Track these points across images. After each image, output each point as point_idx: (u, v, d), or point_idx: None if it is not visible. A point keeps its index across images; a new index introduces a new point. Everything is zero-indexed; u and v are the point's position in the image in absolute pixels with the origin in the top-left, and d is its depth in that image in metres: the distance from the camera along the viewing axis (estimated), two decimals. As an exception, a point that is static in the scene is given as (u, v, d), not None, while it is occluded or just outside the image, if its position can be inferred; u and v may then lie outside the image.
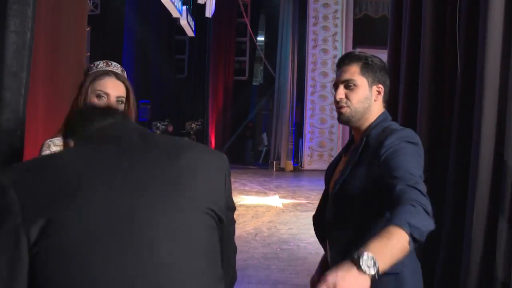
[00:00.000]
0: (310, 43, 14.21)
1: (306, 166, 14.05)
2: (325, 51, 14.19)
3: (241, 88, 16.38)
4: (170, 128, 14.05)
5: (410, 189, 1.60)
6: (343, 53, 14.51)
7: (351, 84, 1.98)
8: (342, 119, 2.02)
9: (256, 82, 18.00)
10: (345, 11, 14.16)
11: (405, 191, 1.60)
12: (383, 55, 2.66)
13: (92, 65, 2.08)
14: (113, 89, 2.02)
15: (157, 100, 15.14)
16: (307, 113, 14.18)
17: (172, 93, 16.00)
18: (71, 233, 1.05)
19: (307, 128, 14.18)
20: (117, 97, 2.03)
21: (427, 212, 1.52)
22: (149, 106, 14.03)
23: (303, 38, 14.59)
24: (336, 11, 14.23)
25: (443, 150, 2.77)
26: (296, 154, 14.55)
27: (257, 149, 17.40)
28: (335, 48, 14.16)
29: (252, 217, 7.90)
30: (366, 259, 1.30)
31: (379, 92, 2.00)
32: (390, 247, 1.39)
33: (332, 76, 14.01)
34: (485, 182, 2.48)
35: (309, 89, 14.17)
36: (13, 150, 1.50)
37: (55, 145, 1.95)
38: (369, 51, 2.17)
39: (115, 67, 2.11)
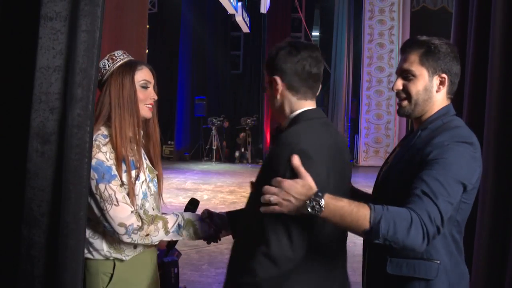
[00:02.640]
0: (366, 38, 14.02)
1: (362, 162, 13.88)
2: (381, 45, 13.96)
3: (296, 84, 16.31)
4: (226, 124, 14.21)
5: (428, 200, 1.56)
6: (400, 47, 14.15)
7: (409, 75, 1.84)
8: (401, 112, 1.90)
9: (311, 77, 17.90)
10: (402, 4, 13.87)
11: (420, 198, 1.57)
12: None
13: (114, 57, 2.06)
14: (151, 78, 2.10)
15: (213, 96, 15.34)
16: (363, 108, 14.00)
17: (228, 89, 16.17)
18: None
19: (362, 124, 14.00)
20: (154, 85, 2.12)
21: (423, 230, 1.52)
22: (205, 102, 14.23)
23: (358, 32, 14.41)
24: (392, 4, 13.96)
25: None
26: (352, 150, 14.40)
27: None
28: (392, 42, 13.91)
29: (307, 213, 7.88)
30: (315, 204, 1.53)
31: (441, 82, 1.83)
32: (346, 215, 1.55)
33: (388, 71, 13.78)
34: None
35: (365, 84, 13.98)
36: (83, 144, 1.55)
37: (102, 144, 1.96)
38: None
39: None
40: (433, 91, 1.84)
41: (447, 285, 1.76)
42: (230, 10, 10.00)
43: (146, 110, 2.08)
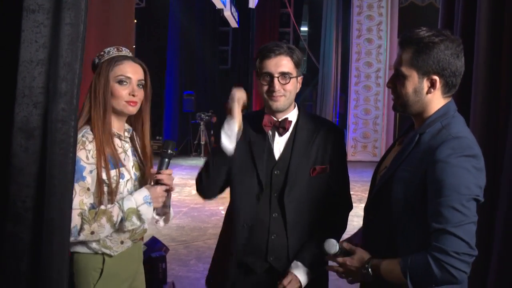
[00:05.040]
0: (354, 33, 14.02)
1: (350, 157, 13.89)
2: (369, 40, 13.97)
3: (284, 79, 16.31)
4: (214, 119, 14.17)
5: (445, 236, 1.60)
6: (388, 43, 14.36)
7: (399, 74, 1.76)
8: (394, 109, 1.86)
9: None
10: (390, -1, 13.90)
11: (438, 238, 1.62)
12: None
13: (102, 53, 2.06)
14: (133, 73, 2.03)
15: (201, 91, 15.28)
16: (351, 103, 14.02)
17: (216, 84, 16.11)
18: None
19: (351, 119, 14.03)
20: (138, 80, 2.05)
21: (449, 268, 1.58)
22: (193, 98, 14.17)
23: (347, 27, 14.41)
24: (381, -1, 13.99)
25: (498, 153, 2.58)
26: (340, 145, 14.40)
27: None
28: (380, 37, 13.93)
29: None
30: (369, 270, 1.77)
31: (432, 85, 1.73)
32: (389, 275, 1.73)
33: (376, 66, 13.82)
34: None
35: (353, 80, 14.00)
36: (67, 139, 1.54)
37: (89, 141, 1.96)
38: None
39: (126, 51, 2.10)
40: (423, 93, 1.75)
41: None
42: (218, 5, 9.96)
43: (124, 105, 2.04)
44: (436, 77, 1.73)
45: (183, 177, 10.16)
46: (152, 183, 2.09)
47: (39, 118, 1.48)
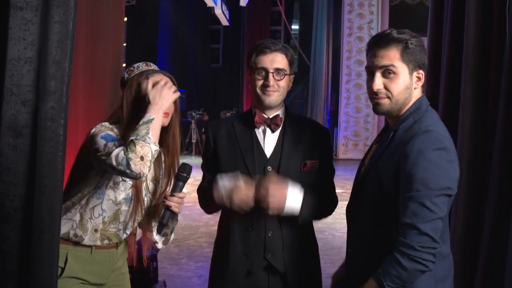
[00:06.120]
0: (345, 31, 14.06)
1: (341, 155, 13.96)
2: (360, 39, 14.02)
3: (275, 77, 16.32)
4: (205, 117, 14.16)
5: (412, 231, 1.63)
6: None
7: (391, 72, 1.73)
8: (380, 110, 1.80)
9: (291, 71, 17.95)
10: (381, -3, 13.95)
11: (405, 233, 1.65)
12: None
13: (132, 68, 2.10)
14: None
15: (192, 90, 15.26)
16: (342, 102, 14.06)
17: (207, 82, 16.10)
18: None
19: (342, 117, 14.07)
20: None
21: (417, 260, 1.62)
22: (184, 96, 14.15)
23: (338, 26, 14.46)
24: (371, -3, 14.03)
25: (487, 151, 2.61)
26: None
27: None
28: (371, 36, 13.92)
29: (287, 206, 7.88)
30: None
31: (419, 79, 1.78)
32: None
33: (367, 64, 13.88)
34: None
35: (344, 78, 14.04)
36: (57, 137, 1.53)
37: (112, 131, 1.97)
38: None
39: (154, 66, 2.16)
40: (412, 89, 1.77)
41: (433, 282, 1.73)
42: (209, 3, 9.94)
43: None
44: (422, 71, 1.78)
45: (174, 175, 10.16)
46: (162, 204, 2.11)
47: (28, 117, 1.47)
